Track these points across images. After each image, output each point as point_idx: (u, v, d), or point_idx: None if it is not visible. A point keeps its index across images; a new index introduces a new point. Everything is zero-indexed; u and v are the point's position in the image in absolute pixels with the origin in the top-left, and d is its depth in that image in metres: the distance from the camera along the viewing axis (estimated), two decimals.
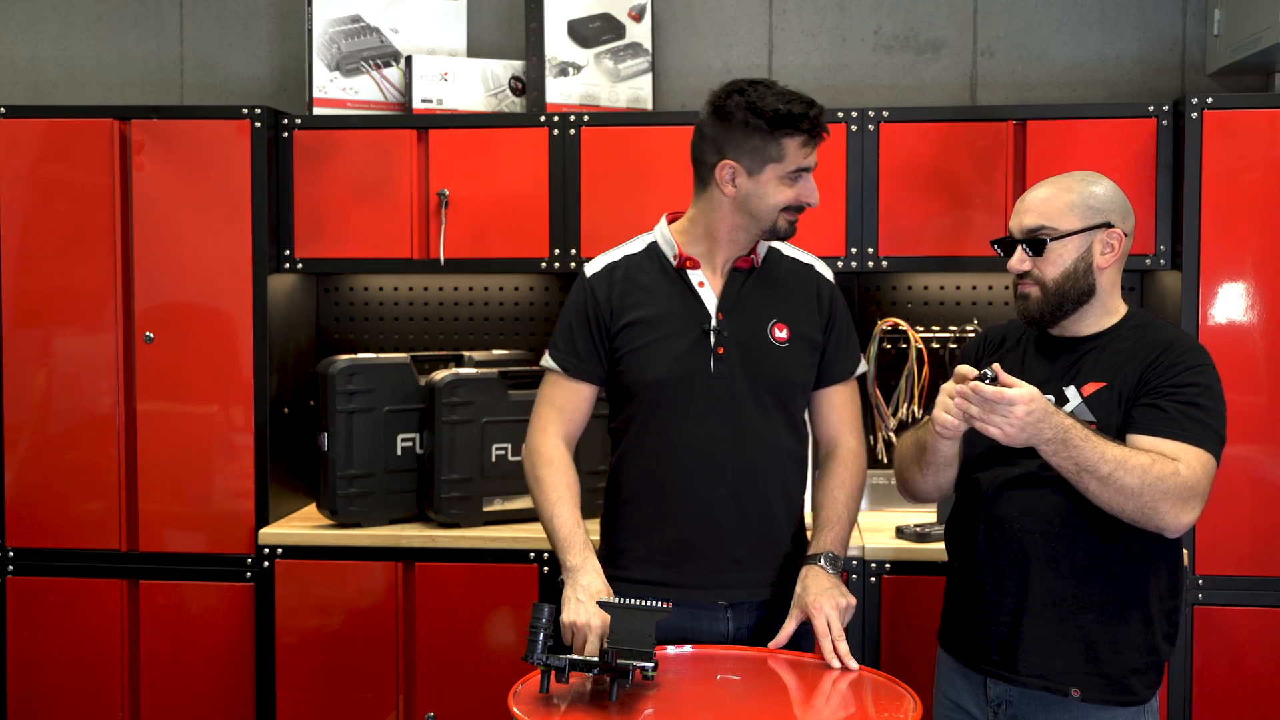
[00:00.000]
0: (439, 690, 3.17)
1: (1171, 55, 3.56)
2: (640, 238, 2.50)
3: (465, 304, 3.68)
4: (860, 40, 3.64)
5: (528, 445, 2.48)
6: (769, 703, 2.20)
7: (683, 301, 2.40)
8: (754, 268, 2.44)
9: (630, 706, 2.04)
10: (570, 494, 2.41)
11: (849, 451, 2.49)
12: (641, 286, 2.42)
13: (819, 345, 2.46)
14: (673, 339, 2.39)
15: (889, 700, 2.13)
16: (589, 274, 2.47)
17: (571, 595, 2.27)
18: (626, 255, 2.47)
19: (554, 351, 2.47)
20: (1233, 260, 3.03)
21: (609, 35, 3.50)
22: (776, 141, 2.32)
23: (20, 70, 3.87)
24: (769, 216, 2.36)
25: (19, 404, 3.31)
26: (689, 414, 2.37)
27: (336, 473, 3.21)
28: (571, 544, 2.34)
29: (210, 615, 3.28)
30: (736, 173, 2.34)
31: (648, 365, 2.38)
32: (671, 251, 2.43)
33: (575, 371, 2.44)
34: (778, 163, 2.33)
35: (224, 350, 3.26)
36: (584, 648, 2.21)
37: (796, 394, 2.45)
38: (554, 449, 2.44)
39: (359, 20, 3.50)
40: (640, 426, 2.41)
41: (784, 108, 2.30)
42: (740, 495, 2.38)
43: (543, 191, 3.28)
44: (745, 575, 2.40)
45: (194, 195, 3.26)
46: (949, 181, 3.19)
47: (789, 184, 2.35)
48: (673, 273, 2.43)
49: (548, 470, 2.42)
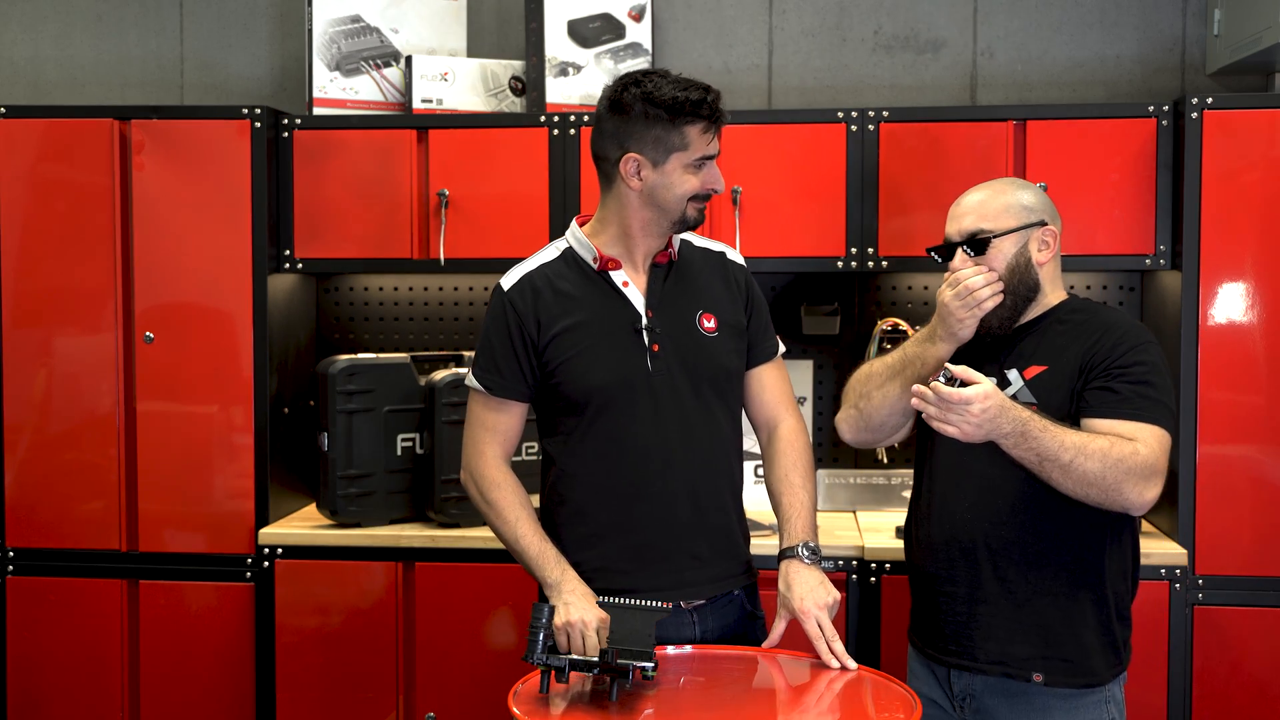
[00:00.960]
0: (439, 690, 3.17)
1: (1171, 55, 3.56)
2: (552, 245, 2.44)
3: (465, 304, 3.68)
4: (860, 40, 3.64)
5: (468, 472, 2.42)
6: (769, 703, 2.20)
7: (608, 304, 2.36)
8: (672, 261, 2.41)
9: (630, 706, 2.04)
10: (527, 513, 2.38)
11: (791, 430, 2.46)
12: (564, 294, 2.36)
13: (744, 331, 2.44)
14: (605, 342, 2.34)
15: (889, 700, 2.13)
16: (506, 288, 2.38)
17: (560, 601, 2.25)
18: (542, 264, 2.40)
19: (477, 371, 2.39)
20: (1233, 260, 3.03)
21: (609, 35, 3.50)
22: (679, 130, 2.28)
23: (20, 70, 3.87)
24: (677, 207, 2.32)
25: (19, 404, 3.31)
26: (635, 416, 2.33)
27: (336, 473, 3.21)
28: (545, 560, 2.32)
29: (210, 615, 3.28)
30: (641, 165, 2.30)
31: (586, 372, 2.33)
32: (590, 254, 2.37)
33: (501, 390, 2.37)
34: (682, 151, 2.29)
35: (224, 350, 3.26)
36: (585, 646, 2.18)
37: (733, 383, 2.43)
38: (497, 470, 2.40)
39: (359, 20, 3.50)
40: (583, 435, 2.35)
41: (681, 95, 2.27)
42: (695, 491, 2.36)
43: (543, 191, 3.28)
44: (706, 571, 2.38)
45: (194, 195, 3.26)
46: (949, 181, 3.18)
47: (694, 172, 2.30)
48: (594, 275, 2.37)
49: (498, 493, 2.38)
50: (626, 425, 2.34)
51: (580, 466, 2.37)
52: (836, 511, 3.46)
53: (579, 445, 2.36)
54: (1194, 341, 3.03)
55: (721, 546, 2.41)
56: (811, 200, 3.21)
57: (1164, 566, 2.99)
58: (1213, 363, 3.03)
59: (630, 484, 2.35)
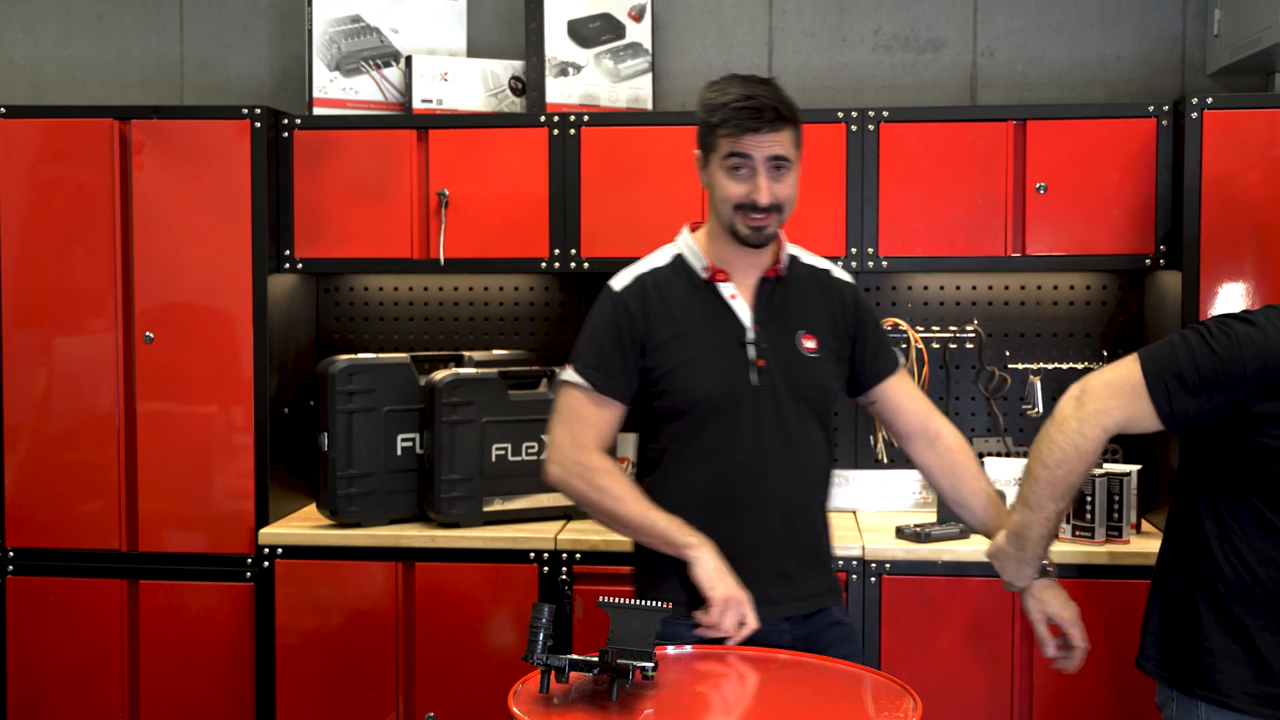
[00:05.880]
0: (439, 690, 3.17)
1: (1171, 55, 3.56)
2: (664, 250, 2.43)
3: (465, 304, 3.68)
4: (860, 40, 3.64)
5: (566, 464, 2.36)
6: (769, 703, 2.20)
7: (716, 315, 2.36)
8: (780, 277, 2.41)
9: (630, 706, 2.04)
10: (641, 492, 2.34)
11: (956, 438, 2.48)
12: (673, 301, 2.36)
13: (844, 356, 2.45)
14: (712, 354, 2.34)
15: (889, 700, 2.13)
16: (617, 289, 2.38)
17: (714, 569, 2.23)
18: (654, 268, 2.40)
19: (580, 367, 2.36)
20: (1233, 260, 3.03)
21: (609, 35, 3.50)
22: (712, 130, 2.30)
23: (20, 70, 3.87)
24: (725, 212, 2.32)
25: (19, 404, 3.31)
26: (737, 429, 2.33)
27: (336, 473, 3.21)
28: (678, 526, 2.28)
29: (210, 615, 3.28)
30: (700, 162, 2.36)
31: (692, 381, 2.32)
32: (700, 264, 2.38)
33: (606, 389, 2.35)
34: (715, 152, 2.31)
35: (224, 350, 3.26)
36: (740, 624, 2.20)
37: (830, 405, 2.44)
38: (601, 459, 2.35)
39: (359, 20, 3.50)
40: (684, 444, 2.34)
41: (720, 97, 2.29)
42: (788, 508, 2.36)
43: (543, 191, 3.28)
44: (793, 589, 2.37)
45: (194, 195, 3.26)
46: (949, 181, 3.19)
47: (731, 176, 2.30)
48: (702, 285, 2.37)
49: (609, 479, 2.33)
50: (728, 438, 2.33)
51: (679, 475, 2.35)
52: (836, 511, 3.45)
53: (679, 453, 2.35)
54: None
55: (809, 564, 2.40)
56: (811, 200, 3.21)
57: None
58: None
59: (727, 496, 2.34)
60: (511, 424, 3.26)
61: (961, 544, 3.08)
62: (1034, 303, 3.51)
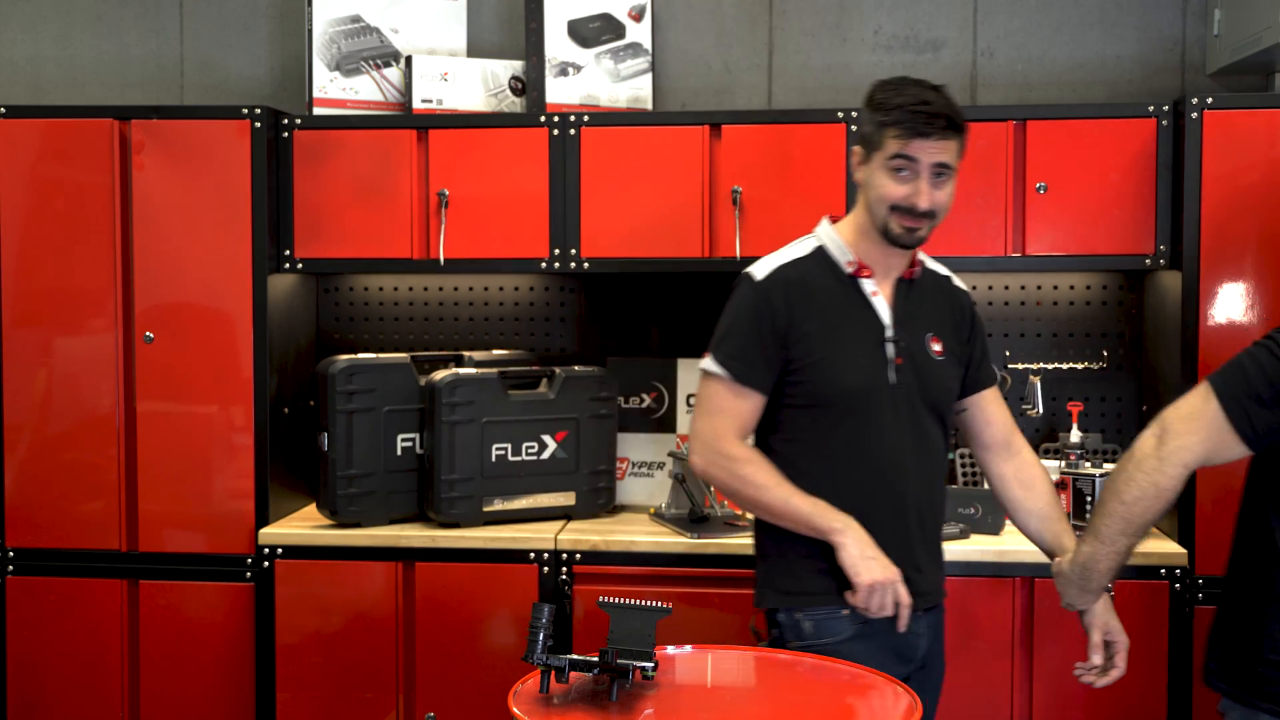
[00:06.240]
0: (439, 690, 3.17)
1: (1171, 55, 3.56)
2: (803, 241, 2.44)
3: (465, 304, 3.68)
4: (860, 40, 3.64)
5: (708, 455, 2.37)
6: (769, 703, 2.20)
7: (857, 311, 2.37)
8: (914, 279, 2.44)
9: (630, 706, 2.04)
10: (783, 478, 2.34)
11: (1033, 455, 2.56)
12: (815, 293, 2.36)
13: (963, 361, 2.48)
14: (855, 348, 2.35)
15: (889, 700, 2.13)
16: (759, 278, 2.38)
17: (860, 554, 2.26)
18: (795, 259, 2.40)
19: (722, 357, 2.37)
20: (1233, 260, 3.03)
21: (609, 35, 3.50)
22: (880, 130, 2.31)
23: (20, 70, 3.87)
24: (879, 210, 2.33)
25: (19, 404, 3.31)
26: (878, 425, 2.34)
27: (336, 473, 3.21)
28: (824, 509, 2.30)
29: (210, 615, 3.28)
30: (858, 157, 2.37)
31: (837, 375, 2.33)
32: (844, 258, 2.39)
33: (747, 380, 2.35)
34: (879, 151, 2.31)
35: (224, 350, 3.26)
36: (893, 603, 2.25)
37: (951, 407, 2.49)
38: (742, 448, 2.36)
39: (359, 20, 3.50)
40: (823, 438, 2.35)
41: (894, 98, 2.30)
42: (920, 504, 2.40)
43: (543, 191, 3.28)
44: (923, 583, 2.40)
45: (194, 195, 3.26)
46: None
47: (893, 177, 2.31)
48: (845, 280, 2.38)
49: (750, 467, 2.35)
50: (869, 433, 2.35)
51: (816, 467, 2.36)
52: None
53: (818, 445, 2.36)
54: (1194, 341, 3.03)
55: (934, 560, 2.46)
56: (812, 200, 3.21)
57: (1164, 566, 2.99)
58: (1213, 363, 3.02)
59: (867, 491, 2.35)
60: (511, 424, 3.26)
61: (962, 544, 3.08)
62: (1034, 303, 3.51)
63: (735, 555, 3.06)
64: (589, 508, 3.34)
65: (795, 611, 2.35)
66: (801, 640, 2.34)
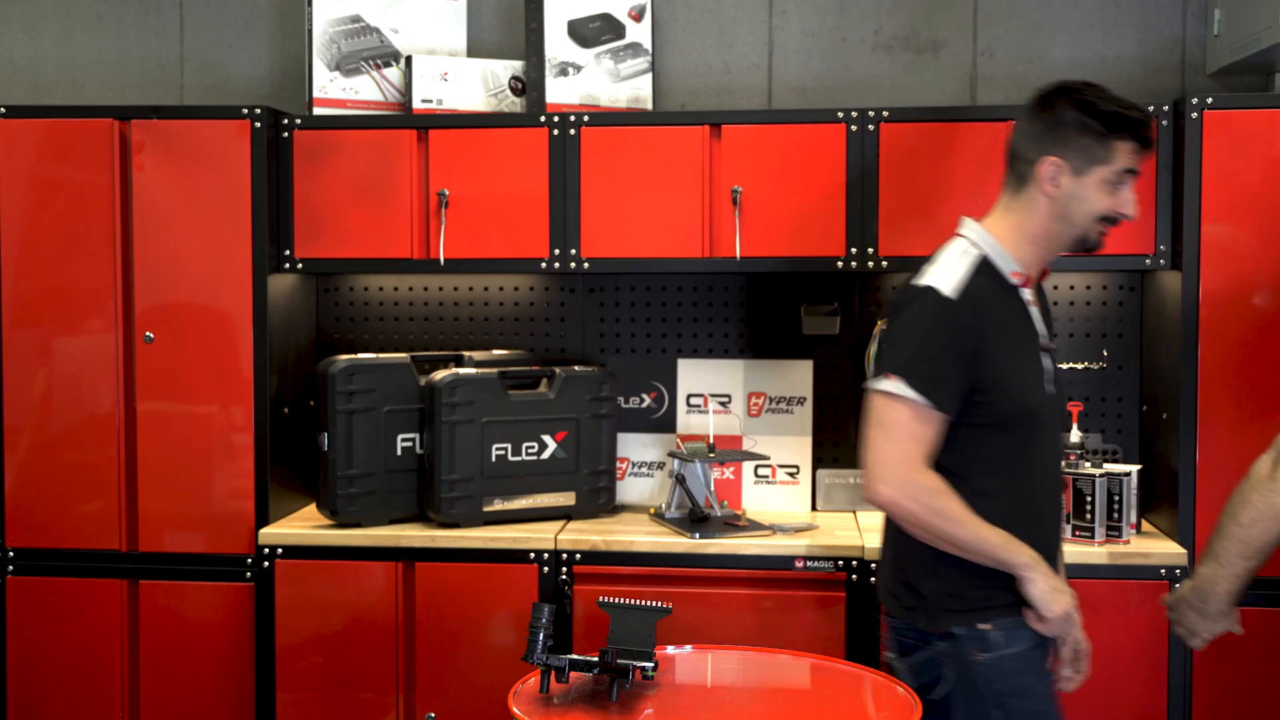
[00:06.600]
0: (439, 690, 3.17)
1: (1171, 55, 3.56)
2: (963, 248, 2.34)
3: (465, 304, 3.68)
4: (860, 40, 3.64)
5: (903, 484, 2.23)
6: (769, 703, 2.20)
7: (1023, 322, 2.34)
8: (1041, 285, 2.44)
9: (630, 706, 2.04)
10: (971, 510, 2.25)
11: None
12: (996, 307, 2.29)
13: None
14: (1026, 363, 2.31)
15: (889, 700, 2.13)
16: (949, 294, 2.25)
17: (1049, 588, 2.24)
18: (972, 271, 2.30)
19: (915, 381, 2.22)
20: (1233, 260, 3.03)
21: (609, 35, 3.50)
22: (1108, 144, 2.27)
23: (20, 70, 3.87)
24: (1084, 223, 2.30)
25: (19, 404, 3.31)
26: (1043, 439, 2.33)
27: (336, 473, 3.21)
28: (1015, 544, 2.25)
29: (210, 615, 3.28)
30: (1061, 171, 2.28)
31: (1018, 393, 2.28)
32: (1009, 268, 2.32)
33: (942, 405, 2.23)
34: (1105, 165, 2.27)
35: (224, 350, 3.26)
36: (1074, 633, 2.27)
37: None
38: (934, 478, 2.24)
39: (359, 20, 3.50)
40: (1002, 456, 2.29)
41: (1124, 111, 2.28)
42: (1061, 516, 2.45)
43: (543, 191, 3.28)
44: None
45: (194, 195, 3.26)
46: (949, 181, 3.18)
47: (1109, 190, 2.29)
48: (1011, 290, 2.33)
49: (945, 499, 2.23)
50: (1040, 447, 2.33)
51: (998, 486, 2.30)
52: (837, 511, 3.46)
53: (998, 464, 2.30)
54: (1194, 341, 3.03)
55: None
56: (811, 200, 3.21)
57: (1164, 566, 2.98)
58: (1213, 363, 3.02)
59: (1039, 505, 2.36)
60: (511, 424, 3.26)
61: None
62: None
63: (735, 555, 3.06)
64: (589, 508, 3.34)
65: (980, 624, 2.28)
66: (990, 652, 2.26)
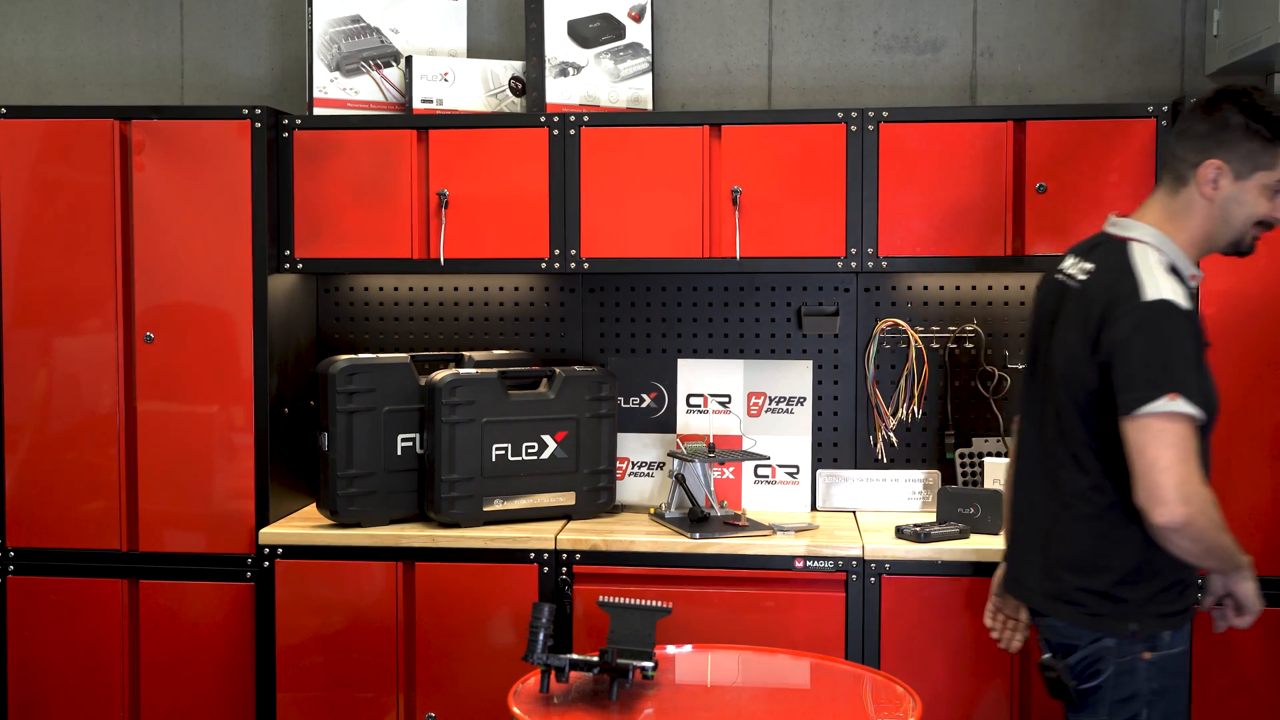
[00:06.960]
0: (439, 690, 3.17)
1: (1171, 55, 3.56)
2: (1151, 252, 2.31)
3: (465, 304, 3.68)
4: (860, 40, 3.64)
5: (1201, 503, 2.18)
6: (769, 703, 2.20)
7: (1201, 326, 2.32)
8: None
9: (630, 706, 2.04)
10: None
11: None
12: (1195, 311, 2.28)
13: None
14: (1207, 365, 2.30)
15: (889, 700, 2.13)
16: (1183, 305, 2.23)
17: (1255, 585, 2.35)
18: (1176, 273, 2.28)
19: (1196, 397, 2.18)
20: (1231, 260, 3.02)
21: (609, 35, 3.50)
22: (1273, 149, 2.27)
23: (20, 70, 3.87)
24: (1241, 227, 2.31)
25: (19, 404, 3.31)
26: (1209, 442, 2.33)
27: (336, 473, 3.21)
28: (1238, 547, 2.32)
29: (210, 615, 3.28)
30: (1222, 174, 2.28)
31: (1214, 395, 2.27)
32: (1189, 271, 2.31)
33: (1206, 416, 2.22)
34: (1268, 170, 2.27)
35: (224, 350, 3.26)
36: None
37: None
38: (1211, 491, 2.23)
39: (359, 20, 3.50)
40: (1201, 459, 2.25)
41: None
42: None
43: (543, 191, 3.28)
44: None
45: (194, 195, 3.26)
46: (949, 181, 3.19)
47: (1269, 195, 2.29)
48: (1192, 292, 2.31)
49: (1218, 509, 2.24)
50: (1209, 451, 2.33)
51: None
52: (836, 512, 3.46)
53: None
54: None
55: None
56: (811, 200, 3.22)
57: None
58: (1212, 362, 3.02)
59: None
60: (511, 424, 3.26)
61: (961, 544, 3.08)
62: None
63: (735, 555, 3.06)
64: (589, 508, 3.34)
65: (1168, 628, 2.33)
66: (1158, 651, 2.31)
